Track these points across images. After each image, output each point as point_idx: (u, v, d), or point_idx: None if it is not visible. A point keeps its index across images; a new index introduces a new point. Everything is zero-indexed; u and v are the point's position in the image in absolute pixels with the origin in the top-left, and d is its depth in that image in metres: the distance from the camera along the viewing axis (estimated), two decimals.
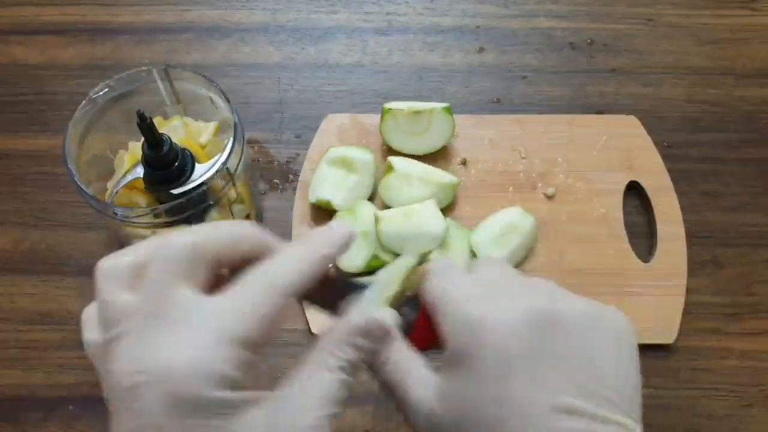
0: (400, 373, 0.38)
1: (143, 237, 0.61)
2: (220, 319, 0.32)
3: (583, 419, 0.33)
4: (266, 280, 0.34)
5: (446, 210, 0.67)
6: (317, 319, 0.62)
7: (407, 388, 0.37)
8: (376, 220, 0.64)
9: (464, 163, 0.70)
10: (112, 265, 0.35)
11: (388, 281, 0.41)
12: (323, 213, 0.67)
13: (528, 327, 0.35)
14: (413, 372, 0.38)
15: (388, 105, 0.69)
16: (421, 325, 0.40)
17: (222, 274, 0.36)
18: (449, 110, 0.69)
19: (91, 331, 0.34)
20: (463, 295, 0.38)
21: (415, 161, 0.68)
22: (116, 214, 0.56)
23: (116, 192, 0.58)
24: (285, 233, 0.68)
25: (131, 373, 0.31)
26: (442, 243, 0.64)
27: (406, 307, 0.41)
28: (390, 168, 0.67)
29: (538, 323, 0.35)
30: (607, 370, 0.35)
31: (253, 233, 0.36)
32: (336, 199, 0.66)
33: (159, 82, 0.61)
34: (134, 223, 0.57)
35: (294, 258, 0.35)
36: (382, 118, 0.69)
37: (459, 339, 0.36)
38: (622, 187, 0.69)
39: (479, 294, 0.37)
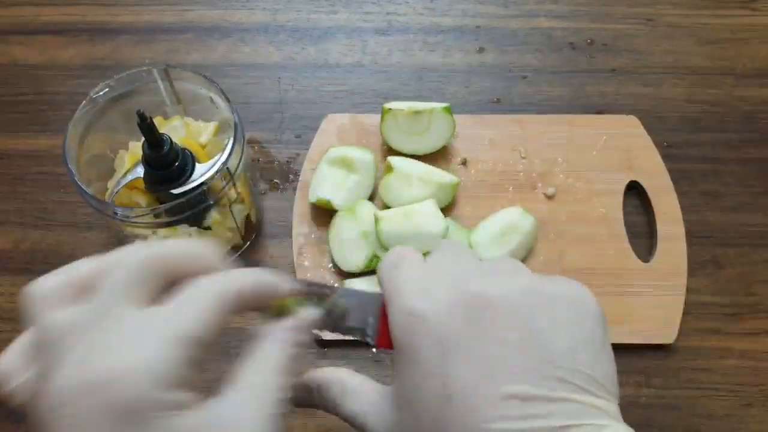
0: (351, 406, 0.38)
1: (144, 237, 0.61)
2: (164, 321, 0.31)
3: (537, 403, 0.31)
4: (211, 286, 0.32)
5: (446, 210, 0.67)
6: None
7: (364, 416, 0.37)
8: (376, 220, 0.64)
9: (464, 163, 0.70)
10: (47, 286, 0.33)
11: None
12: (323, 213, 0.67)
13: (462, 313, 0.33)
14: (362, 399, 0.38)
15: (388, 105, 0.69)
16: (382, 323, 0.38)
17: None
18: (449, 110, 0.69)
19: (15, 377, 0.33)
20: (408, 287, 0.36)
21: (415, 161, 0.68)
22: (116, 213, 0.56)
23: (116, 192, 0.58)
24: (285, 233, 0.68)
25: (70, 388, 0.29)
26: None
27: (357, 313, 0.39)
28: (390, 168, 0.67)
29: (471, 308, 0.33)
30: (557, 349, 0.32)
31: (206, 256, 0.34)
32: (336, 199, 0.66)
33: (159, 82, 0.61)
34: (134, 223, 0.57)
35: (241, 273, 0.34)
36: (382, 118, 0.69)
37: (400, 334, 0.35)
38: (622, 187, 0.69)
39: (423, 285, 0.35)
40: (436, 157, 0.70)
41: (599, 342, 0.34)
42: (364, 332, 0.39)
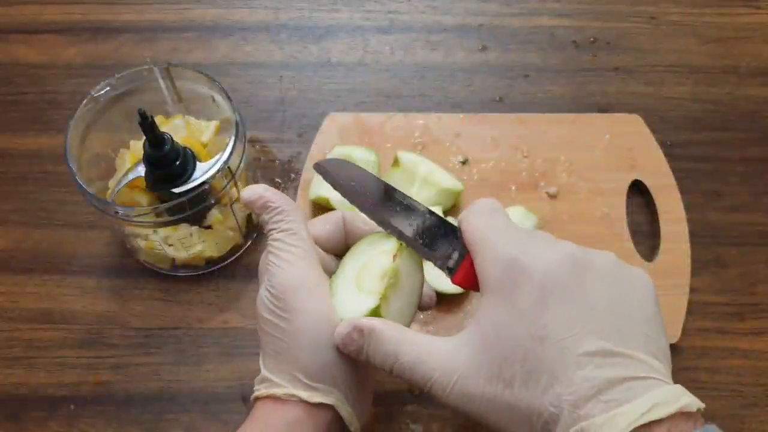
0: (412, 356, 0.40)
1: (145, 236, 0.61)
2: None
3: (615, 358, 0.36)
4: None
5: (449, 209, 0.67)
6: None
7: (427, 368, 0.40)
8: None
9: (465, 162, 0.70)
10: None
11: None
12: (323, 211, 0.67)
13: (568, 268, 0.38)
14: (426, 349, 0.40)
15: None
16: (469, 266, 0.42)
17: None
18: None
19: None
20: (502, 238, 0.41)
21: (422, 158, 0.68)
22: (118, 213, 0.56)
23: (118, 191, 0.58)
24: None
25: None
26: None
27: (445, 245, 0.44)
28: (397, 162, 0.67)
29: (572, 266, 0.38)
30: (636, 317, 0.38)
31: None
32: (335, 198, 0.66)
33: (160, 81, 0.61)
34: (135, 222, 0.57)
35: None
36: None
37: (501, 276, 0.39)
38: (625, 186, 0.69)
39: (517, 238, 0.40)
40: (440, 156, 0.70)
41: (660, 319, 0.40)
42: (446, 263, 0.44)
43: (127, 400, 0.61)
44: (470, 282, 0.43)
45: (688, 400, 0.37)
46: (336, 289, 0.44)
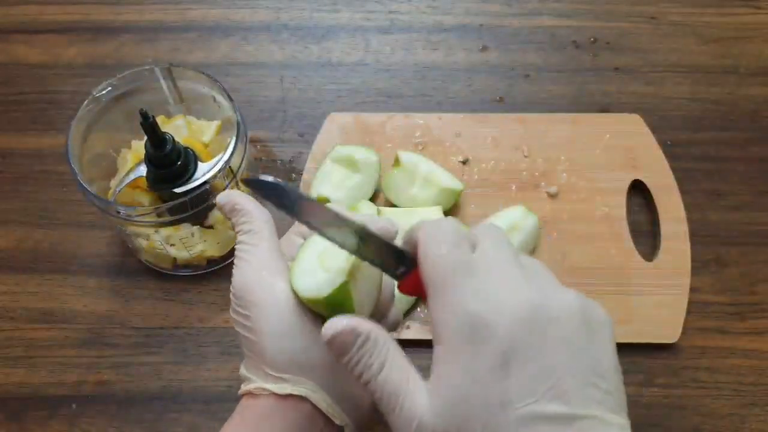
0: (393, 381, 0.37)
1: (146, 236, 0.61)
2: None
3: (582, 421, 0.34)
4: None
5: (449, 209, 0.67)
6: None
7: (400, 399, 0.37)
8: (378, 213, 0.64)
9: (466, 162, 0.70)
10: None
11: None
12: None
13: (526, 327, 0.35)
14: (406, 380, 0.38)
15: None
16: (417, 279, 0.39)
17: None
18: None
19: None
20: (465, 284, 0.36)
21: (423, 158, 0.68)
22: (119, 212, 0.56)
23: (119, 191, 0.58)
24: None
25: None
26: None
27: (397, 263, 0.40)
28: (398, 161, 0.67)
29: (534, 322, 0.35)
30: (599, 370, 0.36)
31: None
32: (335, 198, 0.66)
33: (162, 81, 0.61)
34: (137, 221, 0.57)
35: None
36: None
37: (457, 336, 0.36)
38: (625, 186, 0.69)
39: (480, 285, 0.36)
40: (440, 155, 0.70)
41: (617, 363, 0.37)
42: (393, 273, 0.41)
43: (128, 399, 0.61)
44: (418, 291, 0.40)
45: None
46: (298, 273, 0.42)
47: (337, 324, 0.38)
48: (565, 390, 0.35)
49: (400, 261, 0.40)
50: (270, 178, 0.41)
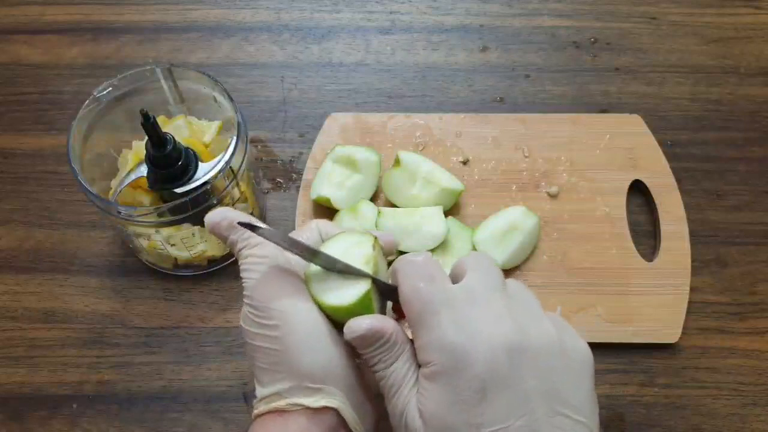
0: (395, 379, 0.40)
1: (147, 236, 0.61)
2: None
3: None
4: None
5: (449, 209, 0.67)
6: None
7: (399, 399, 0.40)
8: (379, 213, 0.64)
9: (466, 162, 0.70)
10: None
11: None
12: (325, 211, 0.67)
13: (504, 356, 0.37)
14: (408, 382, 0.40)
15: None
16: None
17: None
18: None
19: None
20: (444, 318, 0.38)
21: (423, 158, 0.68)
22: (120, 212, 0.56)
23: (120, 191, 0.58)
24: (288, 232, 0.68)
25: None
26: (443, 243, 0.64)
27: (387, 291, 0.42)
28: (398, 162, 0.67)
29: (511, 352, 0.37)
30: (571, 401, 0.38)
31: None
32: (336, 198, 0.66)
33: (162, 81, 0.61)
34: (138, 221, 0.57)
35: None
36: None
37: (439, 361, 0.38)
38: (626, 186, 0.69)
39: (457, 317, 0.38)
40: (441, 156, 0.70)
41: (594, 395, 0.40)
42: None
43: (130, 399, 0.61)
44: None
45: None
46: (318, 281, 0.43)
47: (362, 324, 0.40)
48: (535, 419, 0.37)
49: (389, 296, 0.43)
50: (260, 225, 0.43)
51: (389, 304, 0.45)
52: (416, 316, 0.39)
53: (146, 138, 0.55)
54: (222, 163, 0.56)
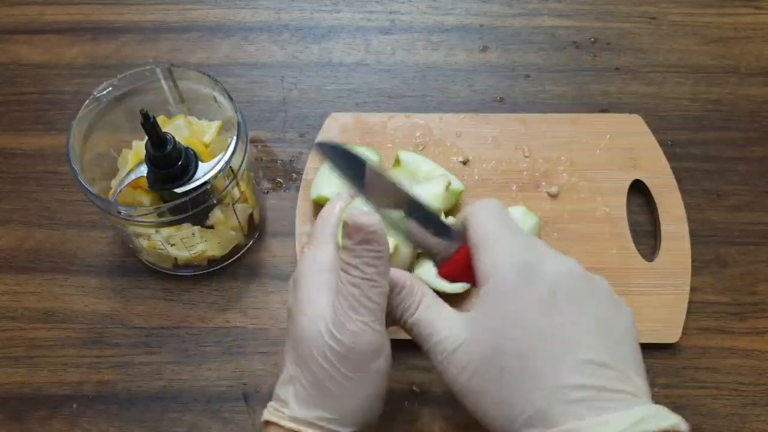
0: (429, 314, 0.44)
1: (147, 236, 0.61)
2: None
3: (606, 368, 0.38)
4: None
5: (449, 209, 0.67)
6: None
7: (437, 328, 0.43)
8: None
9: (466, 162, 0.70)
10: None
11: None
12: None
13: (572, 276, 0.41)
14: (442, 313, 0.44)
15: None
16: (461, 259, 0.44)
17: None
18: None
19: None
20: (513, 240, 0.42)
21: (423, 158, 0.68)
22: (120, 212, 0.56)
23: (120, 191, 0.58)
24: (288, 232, 0.68)
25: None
26: None
27: (442, 238, 0.45)
28: (398, 162, 0.67)
29: (579, 276, 0.41)
30: (626, 339, 0.41)
31: None
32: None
33: (162, 81, 0.61)
34: (138, 222, 0.57)
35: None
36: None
37: (507, 277, 0.40)
38: (626, 186, 0.69)
39: (525, 242, 0.42)
40: (441, 156, 0.70)
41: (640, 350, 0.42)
42: (436, 254, 0.46)
43: (130, 399, 0.61)
44: (455, 276, 0.45)
45: (677, 420, 0.38)
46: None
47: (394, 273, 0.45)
48: (600, 341, 0.39)
49: (446, 234, 0.45)
50: (343, 145, 0.47)
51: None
52: (488, 236, 0.43)
53: (146, 138, 0.55)
54: (222, 163, 0.56)
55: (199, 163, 0.59)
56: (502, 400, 0.39)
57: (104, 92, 0.59)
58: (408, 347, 0.51)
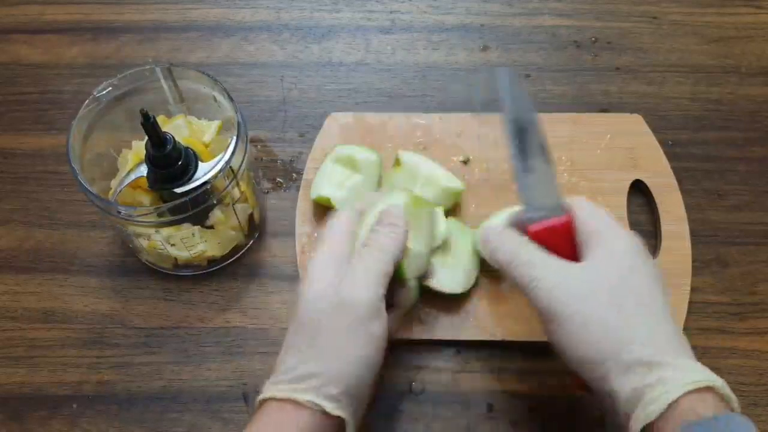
0: (529, 258, 0.49)
1: (147, 236, 0.61)
2: None
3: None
4: None
5: (449, 209, 0.67)
6: None
7: (538, 267, 0.48)
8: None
9: (467, 162, 0.70)
10: None
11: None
12: (326, 211, 0.67)
13: (641, 250, 0.51)
14: (541, 254, 0.49)
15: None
16: (562, 228, 0.51)
17: None
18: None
19: None
20: (621, 228, 0.52)
21: (424, 158, 0.68)
22: (120, 212, 0.56)
23: (120, 191, 0.58)
24: (288, 232, 0.68)
25: None
26: (444, 244, 0.64)
27: (556, 193, 0.53)
28: (398, 162, 0.67)
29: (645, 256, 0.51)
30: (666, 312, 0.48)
31: None
32: (336, 198, 0.65)
33: (162, 81, 0.61)
34: (138, 221, 0.57)
35: None
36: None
37: (623, 250, 0.50)
38: (626, 186, 0.69)
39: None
40: (441, 155, 0.70)
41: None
42: (534, 212, 0.52)
43: (129, 399, 0.61)
44: (542, 239, 0.51)
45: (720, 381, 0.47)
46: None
47: (489, 235, 0.54)
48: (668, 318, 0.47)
49: (555, 198, 0.53)
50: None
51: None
52: (604, 220, 0.52)
53: (146, 138, 0.55)
54: (222, 163, 0.56)
55: (199, 163, 0.59)
56: (600, 344, 0.45)
57: (104, 92, 0.59)
58: (408, 347, 0.51)
